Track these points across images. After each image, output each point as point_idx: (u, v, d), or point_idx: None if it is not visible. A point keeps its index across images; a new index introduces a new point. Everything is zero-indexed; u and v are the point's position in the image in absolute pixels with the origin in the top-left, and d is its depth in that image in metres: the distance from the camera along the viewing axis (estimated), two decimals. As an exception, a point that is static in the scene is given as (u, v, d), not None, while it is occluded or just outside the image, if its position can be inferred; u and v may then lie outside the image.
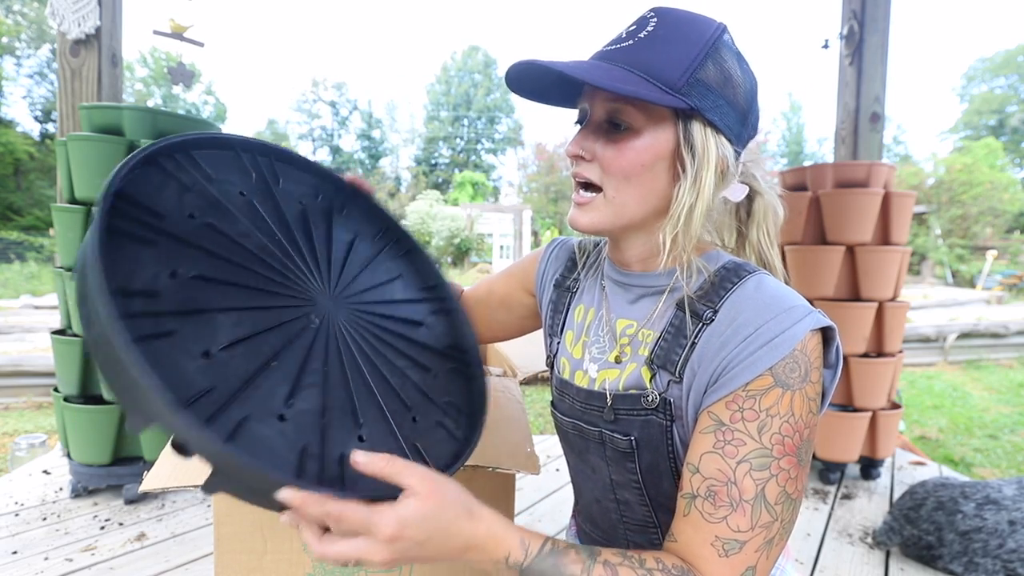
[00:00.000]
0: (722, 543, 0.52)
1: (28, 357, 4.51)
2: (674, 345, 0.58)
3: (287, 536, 0.98)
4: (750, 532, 0.51)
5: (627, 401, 0.61)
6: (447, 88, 40.37)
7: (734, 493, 0.51)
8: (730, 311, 0.56)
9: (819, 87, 47.25)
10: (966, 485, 1.74)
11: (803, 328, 0.53)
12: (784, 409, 0.52)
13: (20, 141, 19.96)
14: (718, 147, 0.56)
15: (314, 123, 39.60)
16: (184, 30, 2.35)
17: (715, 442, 0.53)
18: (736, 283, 0.57)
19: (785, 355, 0.52)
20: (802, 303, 0.55)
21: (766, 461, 0.51)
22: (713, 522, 0.52)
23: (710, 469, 0.53)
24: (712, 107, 0.55)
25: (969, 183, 16.09)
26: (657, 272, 0.63)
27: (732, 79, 0.56)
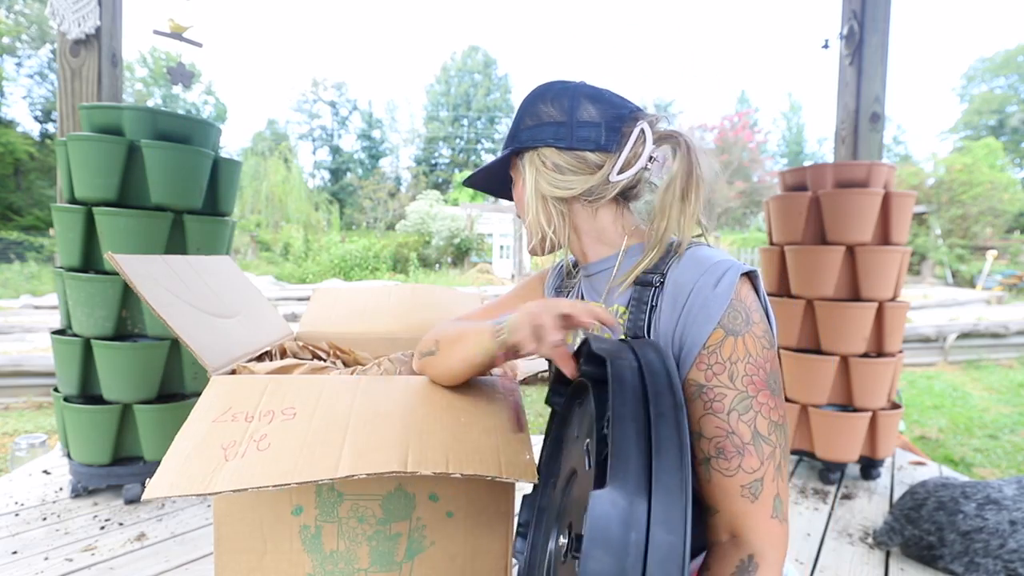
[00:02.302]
0: (748, 489, 0.60)
1: (28, 357, 4.51)
2: (639, 313, 0.70)
3: (287, 536, 0.98)
4: (762, 467, 0.60)
5: None
6: (447, 88, 40.36)
7: (735, 441, 0.60)
8: (672, 274, 0.68)
9: (819, 87, 47.24)
10: (967, 485, 1.74)
11: (730, 279, 0.64)
12: (742, 353, 0.62)
13: (20, 141, 19.95)
14: (539, 156, 0.76)
15: (314, 123, 39.57)
16: (184, 30, 2.35)
17: (703, 404, 0.62)
18: (675, 253, 0.70)
19: (725, 307, 0.63)
20: (726, 257, 0.67)
21: (748, 403, 0.61)
22: (732, 475, 0.60)
23: (710, 429, 0.62)
24: (529, 138, 0.77)
25: (969, 183, 16.08)
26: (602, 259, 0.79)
27: (544, 111, 0.76)
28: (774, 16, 70.81)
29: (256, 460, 0.73)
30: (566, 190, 0.75)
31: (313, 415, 0.83)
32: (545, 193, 0.77)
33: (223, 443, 0.76)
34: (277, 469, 0.72)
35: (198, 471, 0.71)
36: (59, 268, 1.99)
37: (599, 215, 0.78)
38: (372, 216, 26.64)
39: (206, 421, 0.81)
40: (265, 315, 1.32)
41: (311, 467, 0.72)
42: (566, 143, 0.74)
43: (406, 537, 1.00)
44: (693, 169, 0.71)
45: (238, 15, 63.33)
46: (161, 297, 0.97)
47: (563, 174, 0.75)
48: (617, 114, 0.75)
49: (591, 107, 0.75)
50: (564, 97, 0.76)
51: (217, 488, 0.68)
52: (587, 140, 0.74)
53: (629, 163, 0.73)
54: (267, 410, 0.84)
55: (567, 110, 0.75)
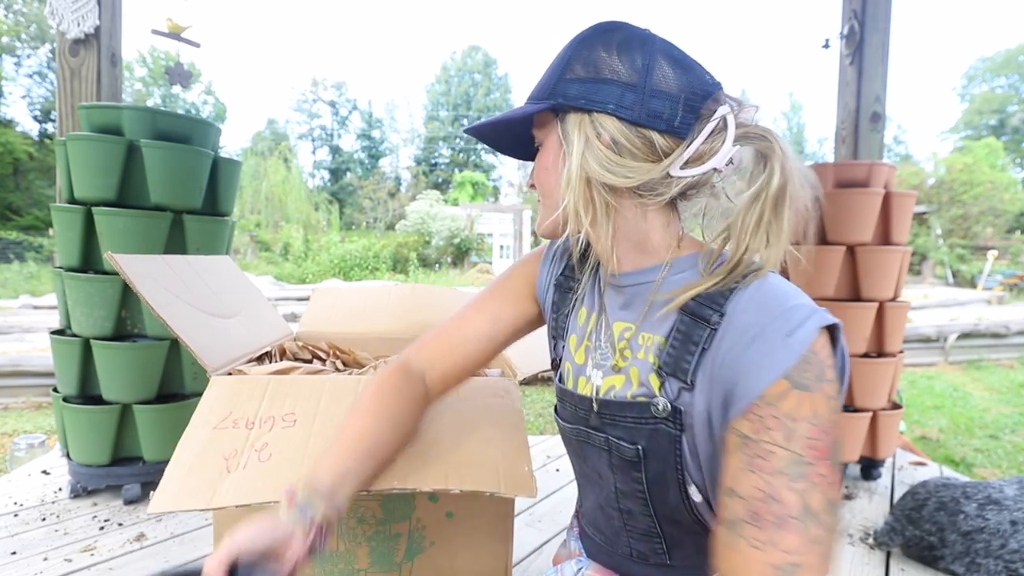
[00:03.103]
0: (780, 571, 0.47)
1: (27, 357, 4.51)
2: (683, 352, 0.57)
3: (286, 537, 0.97)
4: (803, 551, 0.47)
5: (635, 409, 0.60)
6: (447, 88, 40.36)
7: (776, 510, 0.48)
8: (734, 313, 0.55)
9: (819, 87, 47.23)
10: (967, 485, 1.73)
11: (811, 328, 0.51)
12: (807, 412, 0.49)
13: (19, 141, 19.95)
14: (593, 124, 0.58)
15: (314, 123, 39.57)
16: (182, 30, 2.35)
17: (745, 459, 0.51)
18: (739, 283, 0.56)
19: (795, 360, 0.50)
20: (805, 301, 0.54)
21: (802, 470, 0.48)
22: (761, 548, 0.48)
23: (746, 488, 0.50)
24: (579, 95, 0.58)
25: (970, 183, 16.09)
26: (643, 269, 0.63)
27: (605, 62, 0.58)
28: (774, 16, 70.79)
29: (257, 472, 0.73)
30: (623, 178, 0.57)
31: (313, 422, 0.83)
32: (593, 175, 0.58)
33: (224, 453, 0.76)
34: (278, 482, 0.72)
35: (201, 483, 0.71)
36: (58, 268, 1.98)
37: (649, 217, 0.62)
38: (372, 216, 26.64)
39: (207, 428, 0.81)
40: (265, 315, 1.32)
41: None
42: (633, 115, 0.56)
43: (406, 538, 0.99)
44: (787, 185, 0.56)
45: (238, 15, 63.31)
46: (161, 297, 0.96)
47: (622, 155, 0.57)
48: (699, 89, 0.57)
49: (670, 72, 0.57)
50: (638, 50, 0.58)
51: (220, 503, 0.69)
52: (659, 117, 0.56)
53: (700, 157, 0.57)
54: (267, 416, 0.84)
55: (640, 69, 0.57)
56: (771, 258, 0.57)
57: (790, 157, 0.57)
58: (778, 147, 0.57)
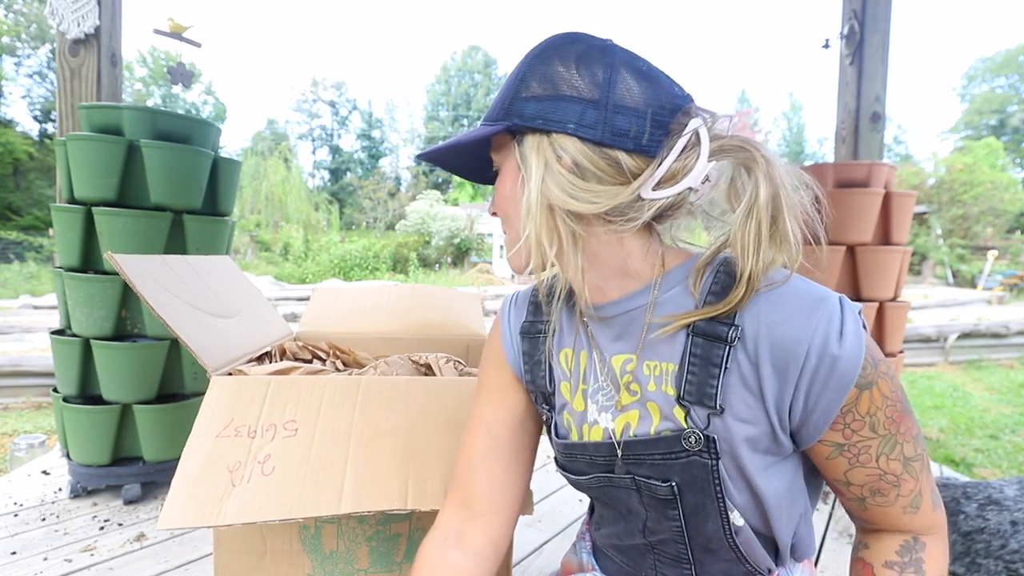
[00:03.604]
0: (910, 507, 0.57)
1: (27, 357, 4.51)
2: (705, 377, 0.53)
3: (287, 536, 0.97)
4: (918, 483, 0.56)
5: (662, 444, 0.56)
6: (447, 88, 40.37)
7: (889, 479, 0.56)
8: (753, 321, 0.52)
9: (819, 87, 47.23)
10: (968, 485, 1.73)
11: (855, 330, 0.51)
12: (879, 402, 0.53)
13: (19, 141, 19.96)
14: (552, 146, 0.53)
15: (314, 123, 39.58)
16: (184, 30, 2.35)
17: (847, 461, 0.56)
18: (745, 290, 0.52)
19: (859, 368, 0.51)
20: (828, 293, 0.53)
21: (892, 440, 0.54)
22: (892, 505, 0.57)
23: (859, 478, 0.56)
24: (535, 115, 0.54)
25: (970, 183, 16.09)
26: (629, 295, 0.58)
27: (563, 79, 0.53)
28: (774, 16, 70.78)
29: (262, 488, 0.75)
30: (588, 203, 0.52)
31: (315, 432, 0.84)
32: (555, 202, 0.53)
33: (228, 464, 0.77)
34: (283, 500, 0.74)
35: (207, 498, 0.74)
36: (58, 268, 1.98)
37: (625, 242, 0.57)
38: (372, 216, 26.64)
39: (210, 436, 0.81)
40: (265, 315, 1.32)
41: (314, 499, 0.74)
42: (596, 134, 0.52)
43: (406, 538, 0.99)
44: (779, 192, 0.51)
45: (238, 15, 63.30)
46: (161, 297, 0.96)
47: (586, 179, 0.52)
48: (666, 102, 0.53)
49: (635, 85, 0.53)
50: (598, 62, 0.53)
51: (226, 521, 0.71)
52: (624, 135, 0.52)
53: (673, 176, 0.53)
54: (269, 424, 0.84)
55: (602, 84, 0.52)
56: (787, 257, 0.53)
57: (775, 164, 0.52)
58: (759, 156, 0.52)
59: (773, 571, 0.63)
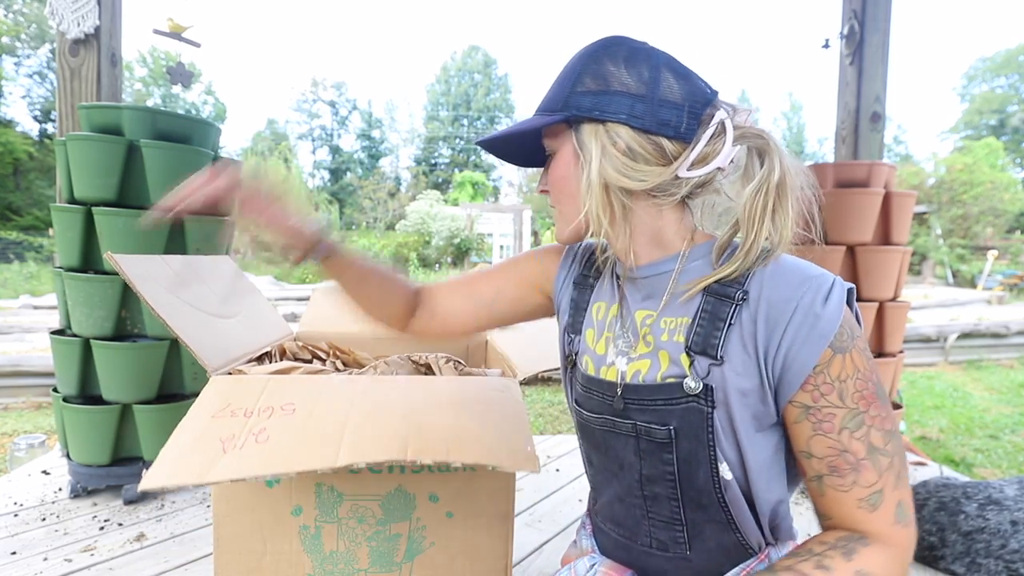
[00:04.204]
0: (866, 502, 0.58)
1: (27, 357, 4.51)
2: (711, 329, 0.62)
3: (286, 537, 0.97)
4: (880, 480, 0.57)
5: (665, 391, 0.64)
6: (447, 88, 40.37)
7: (849, 459, 0.58)
8: (757, 287, 0.61)
9: (819, 87, 47.24)
10: (968, 485, 1.73)
11: (839, 297, 0.59)
12: (851, 370, 0.58)
13: (19, 141, 19.96)
14: (608, 134, 0.63)
15: (314, 123, 39.58)
16: (183, 30, 2.35)
17: (811, 426, 0.59)
18: (756, 262, 0.62)
19: (836, 328, 0.57)
20: (823, 271, 0.61)
21: (859, 419, 0.58)
22: (848, 491, 0.58)
23: (820, 449, 0.59)
24: (592, 106, 0.63)
25: (970, 183, 16.09)
26: (659, 260, 0.68)
27: (614, 76, 0.63)
28: (774, 16, 70.80)
29: (255, 452, 0.73)
30: (638, 181, 0.62)
31: (313, 410, 0.83)
32: (610, 181, 0.63)
33: (221, 436, 0.75)
34: (276, 459, 0.71)
35: (195, 462, 0.70)
36: (58, 268, 1.98)
37: (663, 214, 0.67)
38: (372, 216, 26.64)
39: (204, 416, 0.80)
40: (265, 315, 1.32)
41: (310, 457, 0.71)
42: (645, 124, 0.62)
43: (406, 538, 0.99)
44: (785, 176, 0.62)
45: (238, 15, 63.30)
46: (160, 297, 0.96)
47: (636, 161, 0.63)
48: (700, 97, 0.63)
49: (674, 82, 0.63)
50: (643, 63, 0.63)
51: (214, 478, 0.67)
52: (668, 124, 0.62)
53: (704, 159, 0.63)
54: (266, 406, 0.83)
55: (648, 81, 0.62)
56: (780, 241, 0.62)
57: (785, 153, 0.63)
58: (773, 144, 0.63)
59: (764, 548, 0.68)
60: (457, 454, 0.73)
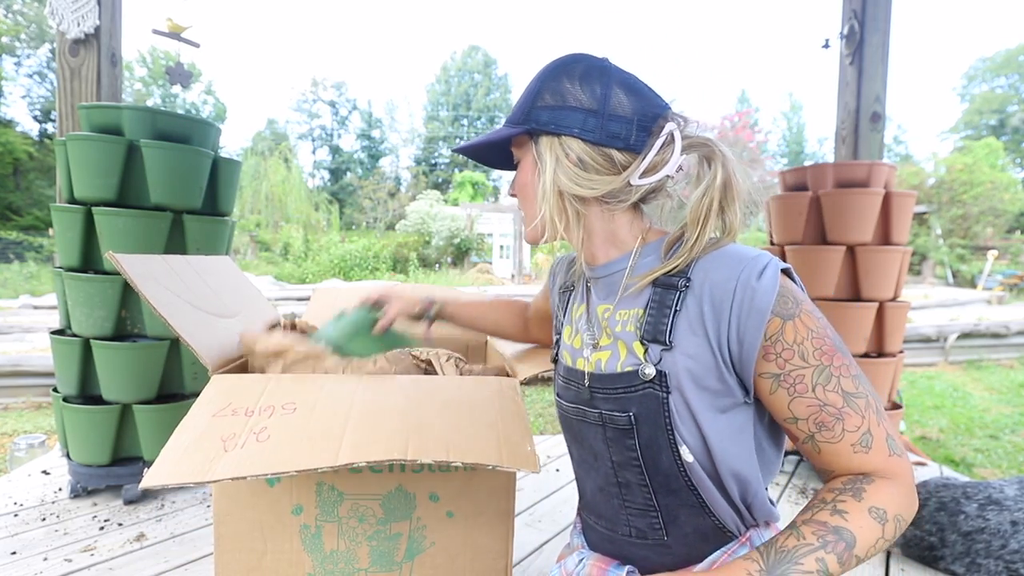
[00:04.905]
0: (859, 445, 0.61)
1: (27, 357, 4.51)
2: (659, 317, 0.66)
3: (287, 536, 0.98)
4: (865, 420, 0.61)
5: (624, 379, 0.68)
6: (447, 88, 40.36)
7: (831, 411, 0.61)
8: (700, 274, 0.65)
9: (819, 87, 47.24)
10: (968, 485, 1.73)
11: (774, 269, 0.62)
12: (803, 332, 0.61)
13: (19, 141, 19.95)
14: (562, 146, 0.68)
15: (314, 123, 39.56)
16: (183, 30, 2.35)
17: (786, 393, 0.62)
18: (698, 253, 0.66)
19: (774, 297, 0.61)
20: (761, 252, 0.64)
21: (827, 372, 0.61)
22: (839, 441, 0.61)
23: (802, 410, 0.62)
24: (548, 121, 0.69)
25: (970, 183, 16.08)
26: (613, 260, 0.73)
27: (571, 94, 0.68)
28: (774, 16, 70.81)
29: (255, 450, 0.73)
30: (588, 189, 0.68)
31: (313, 409, 0.83)
32: (563, 189, 0.69)
33: (223, 435, 0.76)
34: (276, 458, 0.72)
35: (196, 461, 0.71)
36: (58, 268, 1.98)
37: (615, 218, 0.72)
38: (372, 216, 26.63)
39: (206, 416, 0.80)
40: (265, 315, 1.32)
41: (311, 456, 0.72)
42: (595, 137, 0.67)
43: (406, 537, 0.99)
44: (731, 180, 0.67)
45: (238, 15, 63.31)
46: (162, 296, 0.96)
47: (587, 171, 0.68)
48: (649, 111, 0.68)
49: (625, 98, 0.68)
50: (597, 80, 0.68)
51: (215, 476, 0.68)
52: (617, 137, 0.67)
53: (654, 167, 0.68)
54: (267, 405, 0.84)
55: (599, 98, 0.67)
56: (727, 234, 0.68)
57: (730, 158, 0.68)
58: (718, 150, 0.68)
59: (744, 532, 0.70)
60: (457, 454, 0.73)
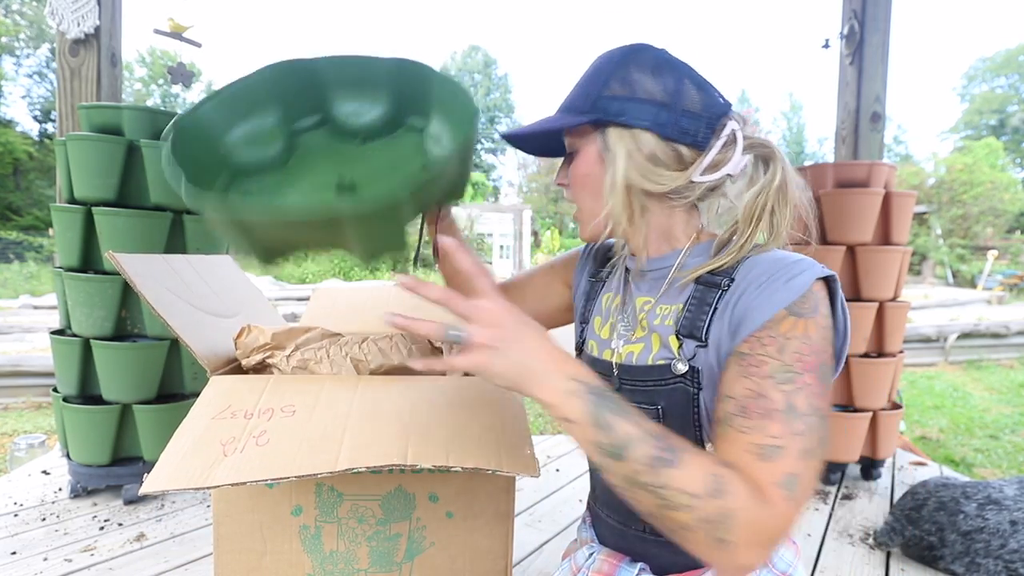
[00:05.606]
0: (759, 448, 0.53)
1: (27, 357, 4.51)
2: (698, 314, 0.65)
3: (287, 536, 0.98)
4: (786, 438, 0.53)
5: (655, 372, 0.67)
6: (447, 88, 40.29)
7: (764, 404, 0.55)
8: (744, 274, 0.63)
9: (819, 87, 47.23)
10: (967, 485, 1.73)
11: (811, 275, 0.59)
12: (800, 332, 0.57)
13: (19, 141, 19.95)
14: (633, 140, 0.66)
15: (314, 123, 39.51)
16: (184, 30, 2.35)
17: (740, 369, 0.58)
18: (747, 255, 0.65)
19: (795, 297, 0.58)
20: (808, 258, 0.62)
21: (790, 375, 0.55)
22: (747, 432, 0.55)
23: (738, 390, 0.57)
24: (619, 112, 0.66)
25: (970, 183, 16.10)
26: (663, 255, 0.72)
27: (640, 84, 0.66)
28: (774, 16, 70.82)
29: (255, 455, 0.73)
30: (657, 185, 0.66)
31: (313, 412, 0.83)
32: (633, 183, 0.67)
33: (222, 439, 0.76)
34: (276, 463, 0.72)
35: (196, 466, 0.71)
36: (58, 268, 1.98)
37: (675, 214, 0.72)
38: (372, 216, 26.61)
39: (205, 418, 0.81)
40: (265, 315, 1.32)
41: (311, 460, 0.72)
42: (668, 132, 0.65)
43: (406, 538, 0.99)
44: (786, 184, 0.67)
45: (238, 15, 63.30)
46: (161, 297, 0.96)
47: (657, 166, 0.66)
48: (716, 109, 0.67)
49: (695, 94, 0.67)
50: (668, 73, 0.67)
51: (215, 482, 0.68)
52: (687, 133, 0.66)
53: (716, 165, 0.67)
54: (267, 407, 0.84)
55: (672, 92, 0.66)
56: (775, 238, 0.66)
57: (788, 162, 0.68)
58: (778, 153, 0.68)
59: None
60: (457, 458, 0.73)
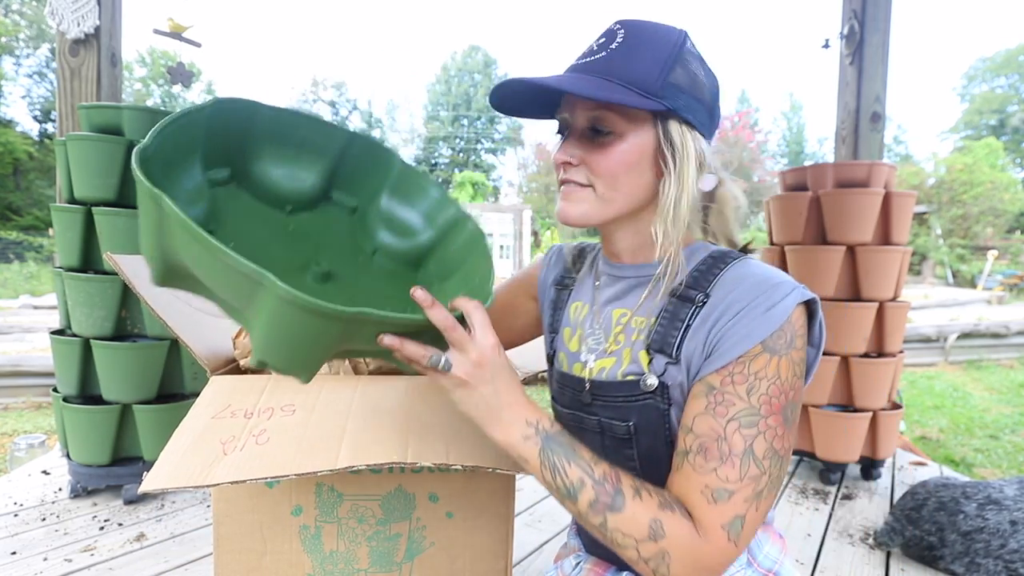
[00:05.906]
0: (711, 491, 0.55)
1: (27, 357, 4.51)
2: (670, 329, 0.62)
3: (287, 536, 0.98)
4: (739, 483, 0.54)
5: (625, 388, 0.65)
6: (447, 88, 40.35)
7: (724, 448, 0.55)
8: (720, 291, 0.60)
9: (819, 87, 47.20)
10: (967, 485, 1.73)
11: (791, 302, 0.57)
12: (771, 372, 0.56)
13: (19, 141, 19.95)
14: (694, 142, 0.61)
15: (314, 123, 39.55)
16: (184, 30, 2.35)
17: (707, 404, 0.57)
18: (723, 268, 0.62)
19: (773, 330, 0.56)
20: (788, 279, 0.60)
21: (754, 419, 0.55)
22: (703, 473, 0.55)
23: (702, 428, 0.57)
24: (684, 106, 0.60)
25: (970, 183, 16.10)
26: (647, 263, 0.68)
27: (698, 80, 0.61)
28: (774, 16, 70.84)
29: (255, 453, 0.73)
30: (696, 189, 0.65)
31: (312, 411, 0.83)
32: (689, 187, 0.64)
33: (222, 438, 0.76)
34: (276, 461, 0.72)
35: (196, 464, 0.71)
36: (58, 268, 1.98)
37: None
38: (372, 216, 26.59)
39: (205, 417, 0.81)
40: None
41: (310, 459, 0.72)
42: (708, 137, 0.64)
43: (406, 538, 0.99)
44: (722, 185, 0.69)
45: (238, 15, 63.32)
46: (160, 297, 0.96)
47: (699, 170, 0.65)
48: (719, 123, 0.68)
49: (717, 107, 0.66)
50: (710, 75, 0.64)
51: (215, 480, 0.68)
52: (711, 138, 0.66)
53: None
54: (267, 407, 0.84)
55: (714, 95, 0.64)
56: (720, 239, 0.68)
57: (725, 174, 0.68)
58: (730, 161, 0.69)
59: None
60: (457, 456, 0.73)
